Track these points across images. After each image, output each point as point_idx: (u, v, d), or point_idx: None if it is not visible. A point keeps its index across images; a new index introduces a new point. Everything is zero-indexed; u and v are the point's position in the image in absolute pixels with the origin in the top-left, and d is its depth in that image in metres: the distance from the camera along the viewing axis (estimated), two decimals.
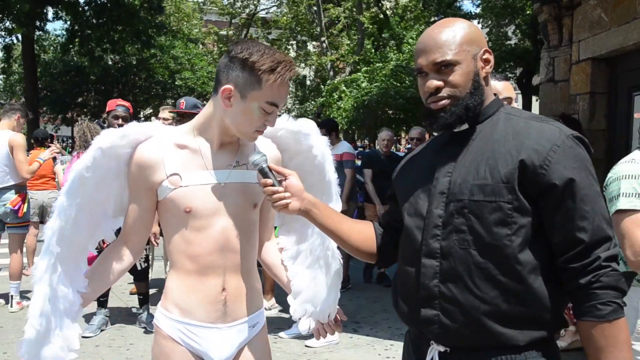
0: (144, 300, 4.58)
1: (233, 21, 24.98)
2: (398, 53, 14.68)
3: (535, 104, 15.85)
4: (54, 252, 1.49)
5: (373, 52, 15.83)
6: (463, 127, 1.38)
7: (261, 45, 1.52)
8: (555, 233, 1.26)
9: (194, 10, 25.00)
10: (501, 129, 1.33)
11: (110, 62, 19.46)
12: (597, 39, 4.79)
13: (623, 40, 4.46)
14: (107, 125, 4.65)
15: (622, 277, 1.24)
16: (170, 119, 5.07)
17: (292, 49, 23.37)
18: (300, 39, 22.52)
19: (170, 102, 18.59)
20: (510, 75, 19.03)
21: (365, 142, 14.25)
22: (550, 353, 1.31)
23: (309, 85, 23.26)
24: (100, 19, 15.18)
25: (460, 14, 17.27)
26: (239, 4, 24.20)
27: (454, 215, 1.31)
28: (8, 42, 14.94)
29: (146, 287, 4.64)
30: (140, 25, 15.51)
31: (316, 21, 19.34)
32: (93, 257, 1.69)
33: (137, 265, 4.34)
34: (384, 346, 4.12)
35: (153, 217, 1.64)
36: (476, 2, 18.37)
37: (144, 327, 4.41)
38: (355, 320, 4.78)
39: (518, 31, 18.07)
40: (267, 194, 1.48)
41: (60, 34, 18.87)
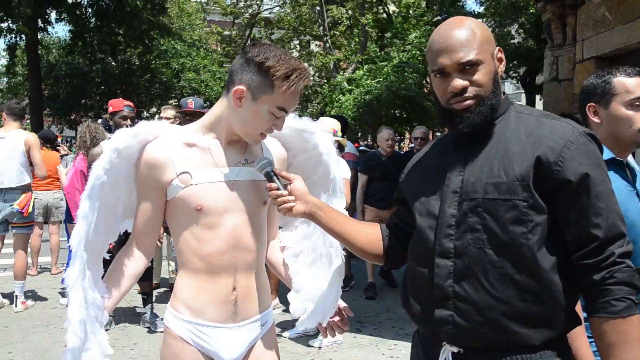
0: (147, 299, 4.59)
1: (236, 21, 25.01)
2: (402, 52, 14.63)
3: (539, 103, 15.81)
4: (83, 258, 1.49)
5: (377, 51, 15.81)
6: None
7: (278, 50, 1.52)
8: (569, 229, 1.26)
9: (197, 11, 25.04)
10: (513, 127, 1.33)
11: (114, 63, 19.50)
12: (601, 37, 4.78)
13: (627, 38, 4.44)
14: (113, 125, 4.66)
15: (636, 274, 1.23)
16: (173, 118, 5.10)
17: (295, 50, 23.38)
18: (304, 39, 22.52)
19: (174, 103, 18.62)
20: (514, 75, 18.99)
21: (368, 141, 14.21)
22: (564, 352, 1.31)
23: (312, 86, 23.25)
24: (102, 21, 15.20)
25: (463, 13, 17.24)
26: (242, 4, 24.21)
27: (468, 215, 1.30)
28: (11, 42, 14.96)
29: (150, 286, 4.65)
30: (143, 26, 15.52)
31: (319, 21, 19.34)
32: None
33: None
34: (388, 346, 4.12)
35: (162, 217, 1.64)
36: (480, 1, 18.32)
37: (148, 327, 4.41)
38: (359, 320, 4.78)
39: (521, 30, 18.04)
40: (272, 197, 1.49)
41: (63, 35, 18.94)
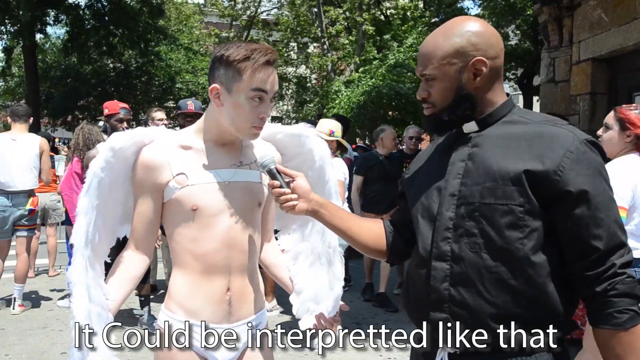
0: (145, 301, 4.59)
1: (234, 23, 25.01)
2: (398, 53, 14.63)
3: (536, 105, 15.83)
4: (85, 254, 1.50)
5: (375, 52, 15.82)
6: (473, 129, 1.38)
7: (241, 42, 1.56)
8: (569, 240, 1.25)
9: (195, 13, 25.02)
10: (514, 132, 1.32)
11: (111, 65, 19.47)
12: (597, 39, 4.80)
13: (623, 40, 4.46)
14: (109, 128, 4.65)
15: (637, 284, 1.23)
16: (165, 119, 5.12)
17: (293, 52, 23.38)
18: (301, 40, 22.52)
19: (171, 105, 18.59)
20: (511, 77, 19.02)
21: (366, 141, 14.18)
22: (561, 356, 1.30)
23: (309, 87, 23.23)
24: (100, 23, 15.18)
25: (459, 14, 17.23)
26: (240, 6, 24.21)
27: (465, 218, 1.30)
28: (8, 45, 14.93)
29: (147, 288, 4.65)
30: (140, 28, 15.50)
31: (317, 22, 19.35)
32: None
33: None
34: (386, 345, 4.11)
35: (159, 219, 1.65)
36: (477, 2, 18.35)
37: (146, 329, 4.42)
38: (357, 322, 4.78)
39: (518, 32, 18.07)
40: (275, 195, 1.50)
41: (60, 36, 18.88)
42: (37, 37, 15.68)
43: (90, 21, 15.27)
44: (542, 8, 5.46)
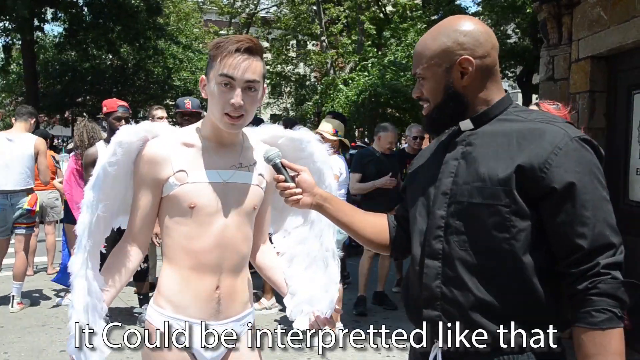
0: (144, 300, 4.58)
1: (233, 21, 24.94)
2: (396, 52, 14.61)
3: None
4: (87, 248, 1.54)
5: (375, 51, 15.80)
6: (468, 127, 1.38)
7: (228, 35, 1.60)
8: (554, 238, 1.24)
9: (194, 10, 24.95)
10: (506, 130, 1.32)
11: (109, 62, 19.42)
12: (596, 37, 4.79)
13: (622, 38, 4.46)
14: (107, 127, 4.63)
15: (622, 286, 1.20)
16: (165, 117, 5.11)
17: (292, 49, 23.34)
18: (301, 38, 22.48)
19: (169, 102, 18.55)
20: (510, 75, 19.01)
21: (366, 139, 14.17)
22: (555, 354, 1.29)
23: (308, 85, 23.20)
24: (98, 19, 15.14)
25: (458, 12, 17.22)
26: (239, 4, 24.15)
27: (455, 217, 1.31)
28: (7, 42, 14.90)
29: (146, 287, 4.64)
30: (138, 25, 15.46)
31: (316, 20, 19.32)
32: None
33: None
34: (386, 345, 4.12)
35: (156, 214, 1.67)
36: (476, 0, 18.32)
37: (143, 326, 4.41)
38: (355, 320, 4.78)
39: (518, 30, 18.05)
40: (280, 189, 1.52)
41: (57, 33, 18.81)
42: (36, 34, 15.62)
43: (88, 17, 15.22)
44: (542, 6, 5.45)
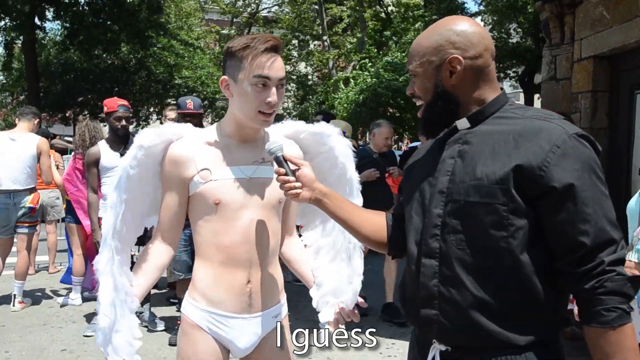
0: (145, 299, 4.58)
1: (234, 20, 24.95)
2: (396, 52, 14.59)
3: (537, 102, 15.81)
4: (112, 246, 1.60)
5: (375, 51, 15.80)
6: (465, 126, 1.37)
7: (247, 35, 1.64)
8: (555, 236, 1.23)
9: (195, 10, 24.97)
10: (503, 128, 1.31)
11: (110, 61, 19.41)
12: (598, 37, 4.78)
13: (625, 38, 4.45)
14: (108, 126, 4.63)
15: (628, 282, 1.20)
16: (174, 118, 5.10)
17: (293, 49, 23.34)
18: (303, 38, 22.49)
19: (172, 102, 18.56)
20: (512, 74, 18.98)
21: (366, 139, 14.18)
22: (553, 353, 1.30)
23: (310, 85, 23.20)
24: (99, 19, 15.15)
25: (459, 13, 17.19)
26: (240, 3, 24.17)
27: (451, 216, 1.30)
28: (8, 40, 14.91)
29: None
30: (140, 24, 15.47)
31: (318, 20, 19.33)
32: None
33: None
34: (386, 345, 4.13)
35: (185, 212, 1.73)
36: (478, 0, 18.29)
37: (146, 326, 4.41)
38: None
39: (520, 29, 18.03)
40: (279, 182, 1.54)
41: (58, 32, 18.82)
42: (37, 33, 15.65)
43: (88, 16, 15.23)
44: (544, 5, 5.45)
